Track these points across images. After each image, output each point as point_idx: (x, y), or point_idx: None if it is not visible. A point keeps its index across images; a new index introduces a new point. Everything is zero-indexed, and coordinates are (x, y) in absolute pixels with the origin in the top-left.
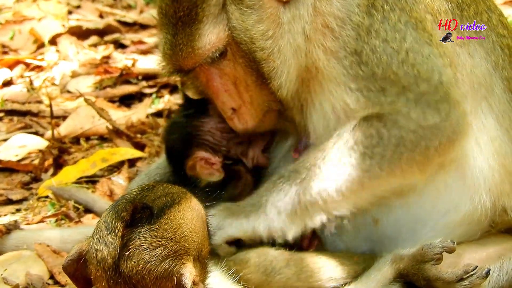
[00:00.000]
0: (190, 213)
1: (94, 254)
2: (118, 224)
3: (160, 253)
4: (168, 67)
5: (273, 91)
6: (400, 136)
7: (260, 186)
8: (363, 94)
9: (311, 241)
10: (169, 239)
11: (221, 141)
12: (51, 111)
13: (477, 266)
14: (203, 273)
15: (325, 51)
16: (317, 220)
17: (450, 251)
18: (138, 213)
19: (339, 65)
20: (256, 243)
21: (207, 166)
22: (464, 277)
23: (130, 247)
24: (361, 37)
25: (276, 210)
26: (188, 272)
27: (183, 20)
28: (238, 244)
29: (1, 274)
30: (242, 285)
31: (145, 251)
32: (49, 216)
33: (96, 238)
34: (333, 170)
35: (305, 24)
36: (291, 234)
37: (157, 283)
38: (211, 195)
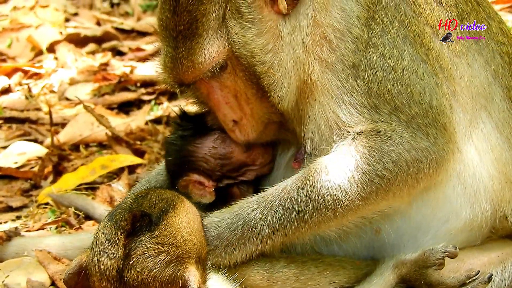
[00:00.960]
0: (186, 216)
1: (97, 266)
2: (119, 234)
3: (163, 259)
4: (169, 80)
5: (273, 104)
6: (398, 152)
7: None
8: (356, 109)
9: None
10: (170, 245)
11: (215, 167)
12: (51, 118)
13: (479, 271)
14: (204, 274)
15: (320, 63)
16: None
17: (452, 256)
18: (138, 222)
19: (334, 78)
20: None
21: (200, 188)
22: (467, 282)
23: (133, 256)
24: (359, 51)
25: (270, 231)
26: (193, 275)
27: (183, 33)
28: None
29: (3, 281)
30: (241, 284)
31: (149, 259)
32: (49, 223)
33: (97, 250)
34: (333, 196)
35: (304, 35)
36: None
37: None
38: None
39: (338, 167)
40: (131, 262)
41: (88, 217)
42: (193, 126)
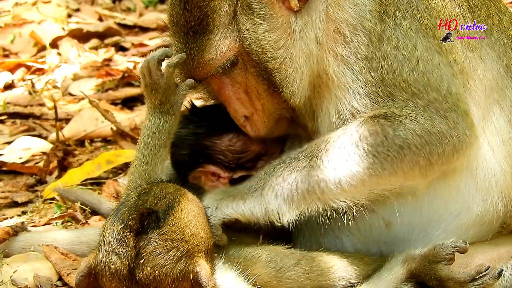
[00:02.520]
0: (191, 209)
1: (106, 267)
2: (128, 233)
3: (174, 255)
4: (180, 76)
5: (285, 99)
6: (405, 137)
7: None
8: (371, 99)
9: None
10: (179, 240)
11: (233, 160)
12: (56, 113)
13: (489, 266)
14: (212, 266)
15: (335, 57)
16: (314, 208)
17: (463, 251)
18: (145, 220)
19: (349, 71)
20: (251, 225)
21: (213, 179)
22: (477, 277)
23: (144, 254)
24: (372, 43)
25: (273, 193)
26: (203, 269)
27: (194, 29)
28: (234, 228)
29: (11, 276)
30: (251, 282)
31: (159, 256)
32: (55, 218)
33: (106, 250)
34: (334, 163)
35: (317, 30)
36: (287, 218)
37: (175, 285)
38: None
39: (339, 139)
40: (142, 261)
41: (94, 212)
42: (206, 120)
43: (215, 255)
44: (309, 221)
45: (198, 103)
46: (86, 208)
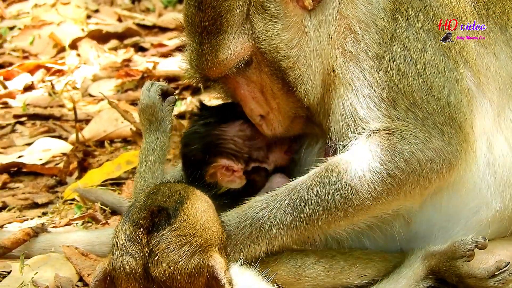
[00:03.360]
0: (201, 204)
1: (122, 268)
2: (139, 232)
3: (187, 250)
4: (195, 76)
5: (299, 98)
6: (411, 151)
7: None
8: (374, 103)
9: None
10: (191, 235)
11: (243, 148)
12: (75, 114)
13: (509, 262)
14: (226, 261)
15: (343, 53)
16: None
17: (482, 247)
18: (156, 217)
19: (356, 69)
20: None
21: (229, 174)
22: (496, 273)
23: (158, 252)
24: (384, 42)
25: (278, 231)
26: (218, 262)
27: (208, 29)
28: None
29: (32, 278)
30: (271, 280)
31: (173, 252)
32: (76, 219)
33: (119, 252)
34: (344, 196)
35: (330, 27)
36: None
37: (190, 280)
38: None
39: (349, 167)
40: (156, 258)
41: (114, 212)
42: (215, 113)
43: (229, 249)
44: None
45: (216, 102)
46: (106, 209)
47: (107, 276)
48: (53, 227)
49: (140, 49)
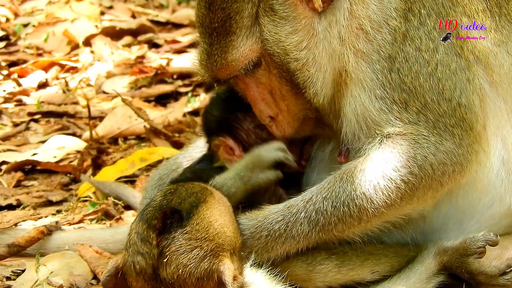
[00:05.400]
0: (218, 208)
1: (132, 267)
2: (151, 233)
3: (197, 254)
4: (206, 75)
5: (308, 100)
6: (424, 156)
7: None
8: (386, 104)
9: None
10: (203, 239)
11: (253, 142)
12: (89, 112)
13: None
14: (240, 265)
15: (355, 53)
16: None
17: (493, 244)
18: (168, 219)
19: (369, 69)
20: None
21: (230, 153)
22: (507, 271)
23: (167, 253)
24: (397, 43)
25: (294, 242)
26: (227, 268)
27: (218, 31)
28: None
29: (47, 277)
30: (282, 277)
31: (183, 255)
32: (89, 214)
33: (131, 251)
34: (358, 205)
35: (341, 27)
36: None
37: (199, 284)
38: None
39: (363, 175)
40: (166, 260)
41: (127, 207)
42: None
43: (243, 253)
44: None
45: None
46: (119, 203)
47: (119, 272)
48: (68, 224)
49: (153, 45)
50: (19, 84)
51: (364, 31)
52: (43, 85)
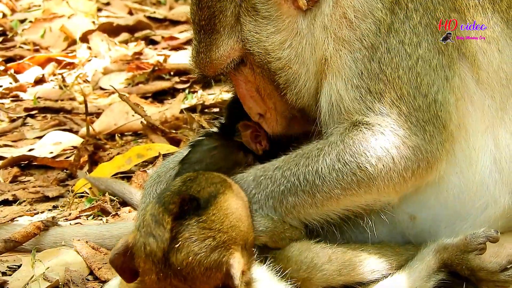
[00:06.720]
0: (235, 202)
1: (143, 248)
2: (166, 217)
3: (209, 244)
4: (196, 72)
5: (290, 102)
6: (386, 148)
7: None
8: (361, 94)
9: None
10: (217, 230)
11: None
12: (86, 107)
13: None
14: (249, 261)
15: (336, 40)
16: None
17: (494, 240)
18: (186, 205)
19: (348, 56)
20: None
21: (255, 141)
22: (508, 267)
23: (180, 239)
24: (381, 34)
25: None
26: (237, 262)
27: (205, 29)
28: None
29: (43, 273)
30: (286, 280)
31: (195, 243)
32: (85, 210)
33: (144, 231)
34: (310, 181)
35: (324, 17)
36: None
37: (207, 274)
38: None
39: (320, 154)
40: (177, 246)
41: (124, 204)
42: None
43: (253, 250)
44: None
45: (228, 95)
46: (115, 199)
47: (128, 251)
48: (64, 220)
49: (151, 42)
50: (15, 80)
51: (348, 19)
52: (39, 81)
